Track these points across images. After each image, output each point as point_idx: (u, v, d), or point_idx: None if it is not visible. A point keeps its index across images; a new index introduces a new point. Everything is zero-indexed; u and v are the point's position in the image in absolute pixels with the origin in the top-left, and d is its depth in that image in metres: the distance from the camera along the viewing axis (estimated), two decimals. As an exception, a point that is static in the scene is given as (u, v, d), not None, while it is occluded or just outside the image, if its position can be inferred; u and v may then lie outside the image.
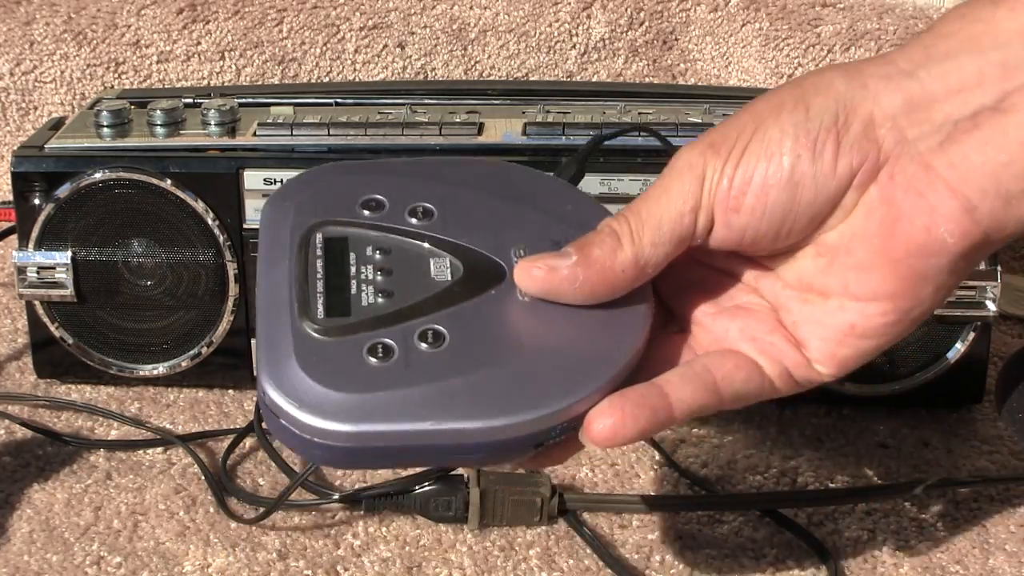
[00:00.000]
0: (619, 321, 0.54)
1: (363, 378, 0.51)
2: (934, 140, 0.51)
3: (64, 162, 0.86)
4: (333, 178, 0.59)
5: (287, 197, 0.58)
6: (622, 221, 0.54)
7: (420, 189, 0.58)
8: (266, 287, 0.55)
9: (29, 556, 0.74)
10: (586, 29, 1.18)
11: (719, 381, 0.55)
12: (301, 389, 0.51)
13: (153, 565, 0.74)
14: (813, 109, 0.52)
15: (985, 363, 0.87)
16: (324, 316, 0.53)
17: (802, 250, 0.55)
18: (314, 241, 0.56)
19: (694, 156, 0.54)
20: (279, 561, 0.74)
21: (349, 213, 0.57)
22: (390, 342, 0.52)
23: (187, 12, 1.19)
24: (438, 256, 0.56)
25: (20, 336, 0.97)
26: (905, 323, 0.54)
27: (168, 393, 0.91)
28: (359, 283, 0.55)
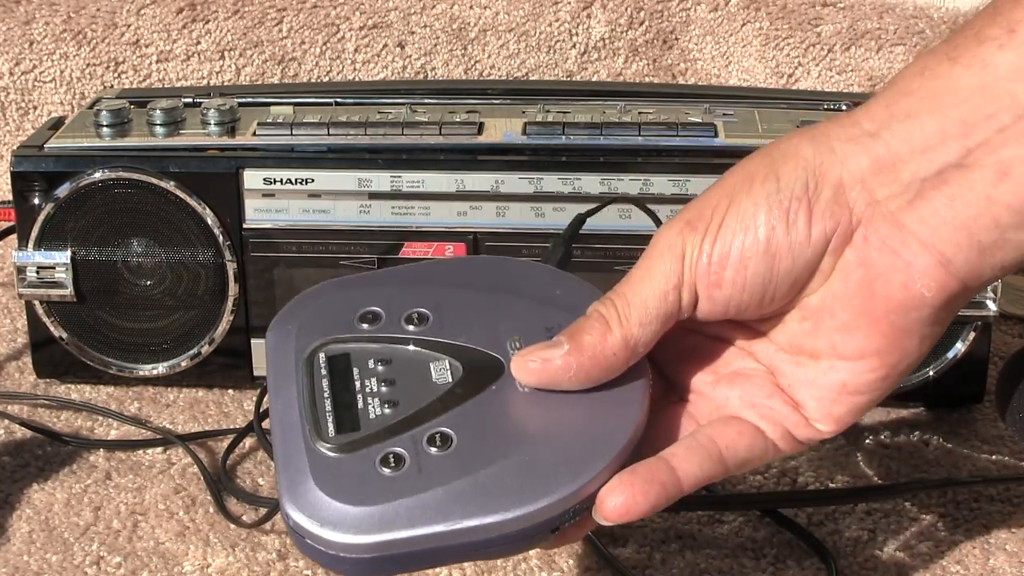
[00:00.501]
0: (619, 398, 0.56)
1: (378, 489, 0.53)
2: (903, 199, 0.52)
3: (64, 162, 0.86)
4: (330, 296, 0.61)
5: (288, 321, 0.60)
6: (608, 305, 0.56)
7: (414, 296, 0.60)
8: (278, 412, 0.57)
9: (29, 556, 0.74)
10: (586, 29, 1.18)
11: (724, 450, 0.56)
12: (321, 508, 0.53)
13: (153, 565, 0.74)
14: (783, 179, 0.53)
15: (985, 363, 0.87)
16: (335, 434, 0.55)
17: (788, 314, 0.56)
18: (318, 361, 0.58)
19: (673, 235, 0.55)
20: (279, 561, 0.74)
21: (348, 328, 0.59)
22: (400, 451, 0.54)
23: (187, 12, 1.19)
24: (437, 359, 0.58)
25: (20, 336, 0.97)
26: (894, 376, 0.56)
27: (168, 393, 0.91)
28: (365, 396, 0.57)
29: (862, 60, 1.16)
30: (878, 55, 1.16)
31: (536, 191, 0.84)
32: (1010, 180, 0.50)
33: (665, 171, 0.83)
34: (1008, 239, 0.52)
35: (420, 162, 0.85)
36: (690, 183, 0.83)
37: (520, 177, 0.84)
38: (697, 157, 0.84)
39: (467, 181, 0.84)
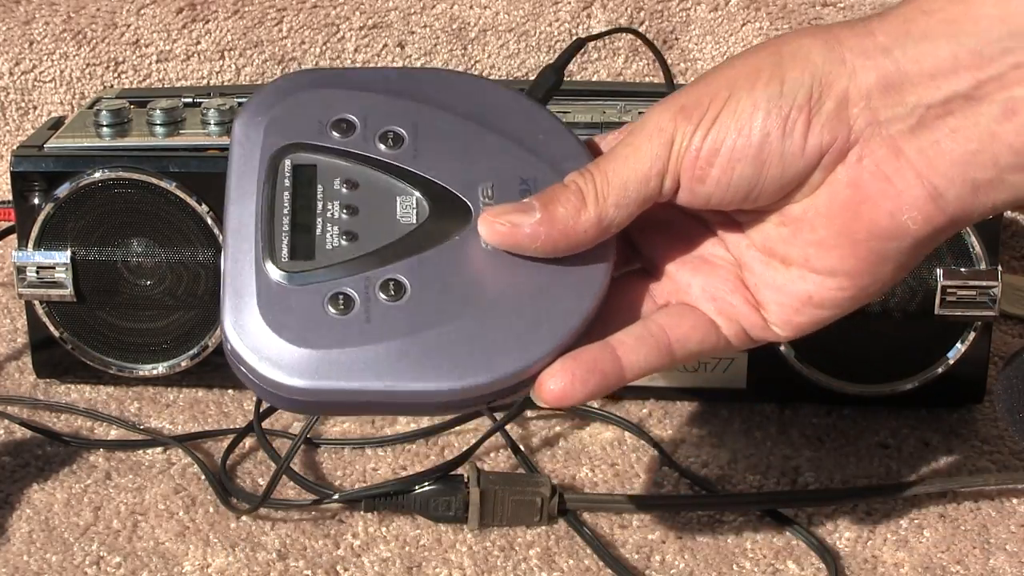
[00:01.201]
0: (579, 276, 0.55)
1: (322, 332, 0.52)
2: (905, 124, 0.51)
3: (63, 162, 0.86)
4: (305, 92, 0.58)
5: (258, 112, 0.58)
6: (588, 179, 0.54)
7: (393, 109, 0.58)
8: (234, 218, 0.55)
9: (29, 556, 0.74)
10: (586, 28, 1.18)
11: (673, 343, 0.56)
12: (261, 340, 0.52)
13: (153, 565, 0.74)
14: (788, 83, 0.52)
15: (985, 363, 0.87)
16: (288, 259, 0.54)
17: (768, 216, 0.55)
18: (283, 168, 0.56)
19: (665, 119, 0.54)
20: (279, 561, 0.74)
21: (320, 135, 0.57)
22: (351, 292, 0.53)
23: (187, 11, 1.19)
24: (404, 194, 0.56)
25: (20, 336, 0.97)
26: (861, 298, 0.55)
27: (168, 393, 0.91)
28: (325, 221, 0.55)
29: (862, 60, 1.16)
30: (878, 55, 1.16)
31: (536, 191, 0.84)
32: (1017, 119, 0.49)
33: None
34: (1004, 179, 0.51)
35: (420, 162, 0.84)
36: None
37: (520, 177, 0.84)
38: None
39: (467, 181, 0.84)
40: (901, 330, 0.85)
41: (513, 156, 0.57)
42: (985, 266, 0.83)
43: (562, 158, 0.56)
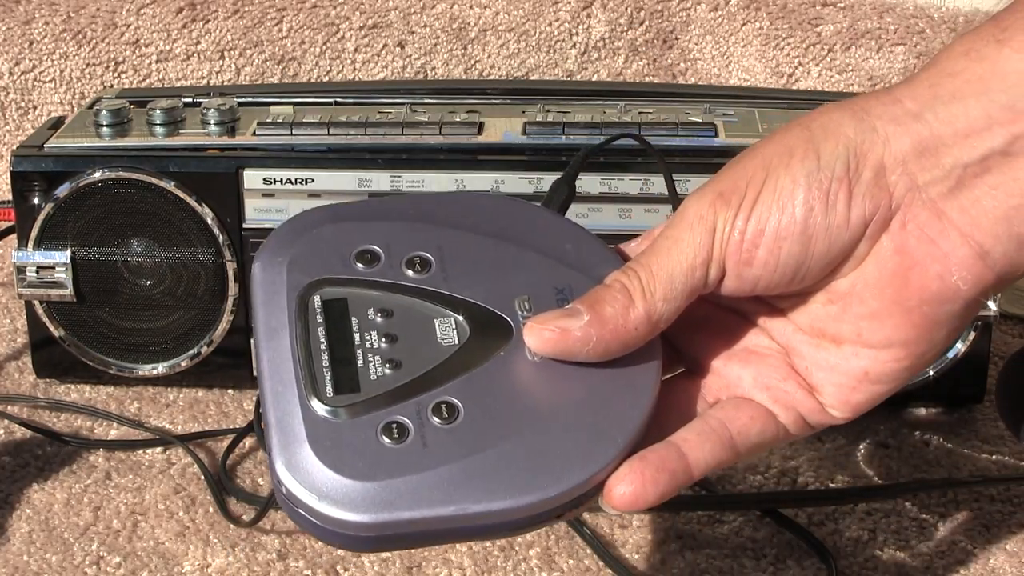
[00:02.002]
0: (630, 377, 0.54)
1: (380, 463, 0.51)
2: (944, 186, 0.51)
3: (63, 161, 0.86)
4: (323, 228, 0.57)
5: (277, 253, 0.57)
6: (632, 276, 0.54)
7: (414, 236, 0.57)
8: (269, 360, 0.54)
9: (28, 556, 0.74)
10: (586, 28, 1.18)
11: (735, 436, 0.55)
12: (318, 478, 0.50)
13: (153, 565, 0.74)
14: (824, 157, 0.52)
15: (985, 363, 0.87)
16: (333, 394, 0.52)
17: (814, 296, 0.55)
18: (312, 305, 0.55)
19: (704, 206, 0.53)
20: (279, 561, 0.74)
21: (344, 268, 0.56)
22: (404, 420, 0.52)
23: (186, 11, 1.19)
24: (442, 316, 0.55)
25: (20, 336, 0.97)
26: (918, 367, 0.54)
27: (168, 393, 0.91)
28: (365, 353, 0.54)
29: (862, 60, 1.16)
30: (878, 55, 1.16)
31: (536, 191, 0.84)
32: None
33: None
34: None
35: (420, 162, 0.84)
36: (690, 183, 0.83)
37: (520, 177, 0.84)
38: (697, 157, 0.84)
39: (467, 181, 0.84)
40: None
41: (544, 268, 0.56)
42: (985, 266, 0.83)
43: (593, 265, 0.56)
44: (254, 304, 0.56)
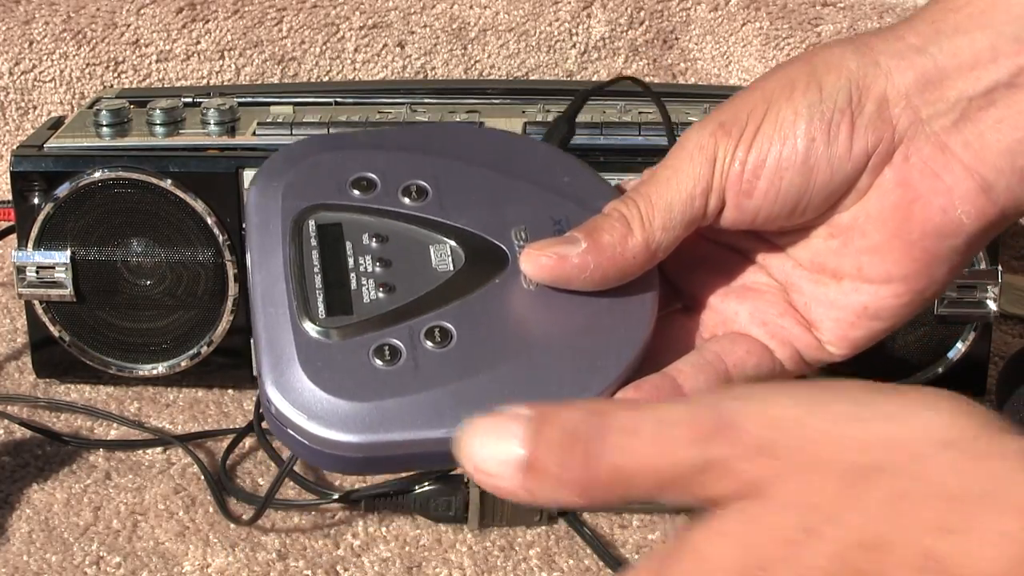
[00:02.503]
0: (626, 308, 0.53)
1: (371, 384, 0.50)
2: (948, 119, 0.51)
3: (63, 161, 0.86)
4: (320, 155, 0.57)
5: (273, 178, 0.56)
6: (631, 205, 0.53)
7: (412, 165, 0.56)
8: (261, 282, 0.53)
9: (28, 556, 0.74)
10: (586, 28, 1.18)
11: (731, 368, 0.54)
12: (308, 399, 0.50)
13: (153, 565, 0.74)
14: (826, 88, 0.51)
15: (985, 363, 0.87)
16: (325, 315, 0.52)
17: (814, 230, 0.54)
18: (307, 229, 0.54)
19: (704, 136, 0.53)
20: (279, 561, 0.74)
21: (340, 194, 0.55)
22: (396, 343, 0.51)
23: (186, 11, 1.18)
24: (438, 243, 0.55)
25: (20, 336, 0.97)
26: (918, 303, 0.54)
27: (168, 393, 0.91)
28: (358, 276, 0.53)
29: (862, 60, 1.16)
30: (878, 55, 1.16)
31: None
32: None
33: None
34: None
35: (420, 162, 0.84)
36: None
37: (520, 177, 0.84)
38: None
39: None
40: (901, 330, 0.85)
41: (541, 199, 0.56)
42: (985, 266, 0.83)
43: (591, 197, 0.55)
44: (248, 227, 0.55)
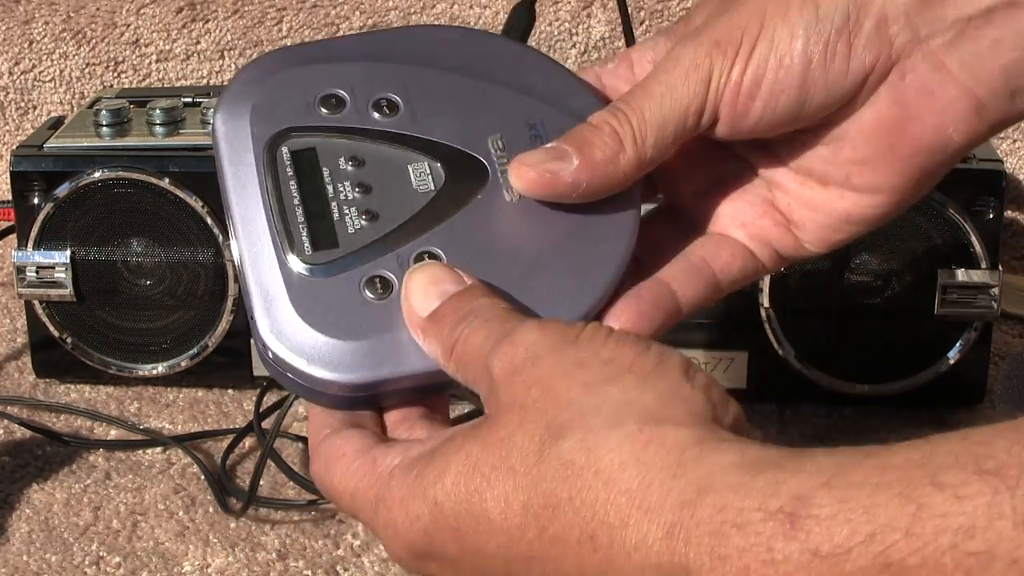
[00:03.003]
0: (610, 215, 0.53)
1: (366, 319, 0.50)
2: (946, 37, 0.51)
3: (63, 161, 0.86)
4: (283, 73, 0.55)
5: (238, 102, 0.54)
6: (623, 121, 0.52)
7: (379, 76, 0.55)
8: (242, 218, 0.52)
9: (28, 556, 0.74)
10: (586, 28, 1.18)
11: (718, 274, 0.55)
12: (305, 341, 0.50)
13: (152, 565, 0.74)
14: (823, 7, 0.51)
15: (986, 363, 0.86)
16: (312, 251, 0.51)
17: (804, 136, 0.54)
18: (281, 157, 0.53)
19: (700, 55, 0.52)
20: (279, 561, 0.74)
21: (309, 114, 0.54)
22: (387, 274, 0.51)
23: (186, 11, 1.18)
24: (415, 161, 0.53)
25: (19, 336, 0.97)
26: (896, 212, 0.54)
27: (167, 393, 0.91)
28: (340, 206, 0.52)
29: (862, 60, 1.16)
30: (878, 55, 1.16)
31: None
32: None
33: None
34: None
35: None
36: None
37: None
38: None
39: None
40: (901, 330, 0.85)
41: (514, 102, 0.55)
42: (985, 266, 0.83)
43: (563, 96, 0.55)
44: (219, 159, 0.54)
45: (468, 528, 0.44)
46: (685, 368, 0.44)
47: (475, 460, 0.44)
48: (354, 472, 0.47)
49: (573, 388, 0.43)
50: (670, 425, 0.41)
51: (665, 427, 0.41)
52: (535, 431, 0.43)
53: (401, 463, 0.46)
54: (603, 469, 0.41)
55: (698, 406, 0.43)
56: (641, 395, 0.43)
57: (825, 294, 0.85)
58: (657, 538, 0.39)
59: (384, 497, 0.46)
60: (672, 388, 0.43)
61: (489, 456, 0.44)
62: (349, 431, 0.49)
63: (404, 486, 0.45)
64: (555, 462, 0.42)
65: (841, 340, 0.86)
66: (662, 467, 0.40)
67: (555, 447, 0.42)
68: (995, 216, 0.83)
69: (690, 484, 0.39)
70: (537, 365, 0.44)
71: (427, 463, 0.45)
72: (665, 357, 0.44)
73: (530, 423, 0.43)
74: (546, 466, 0.42)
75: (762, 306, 0.85)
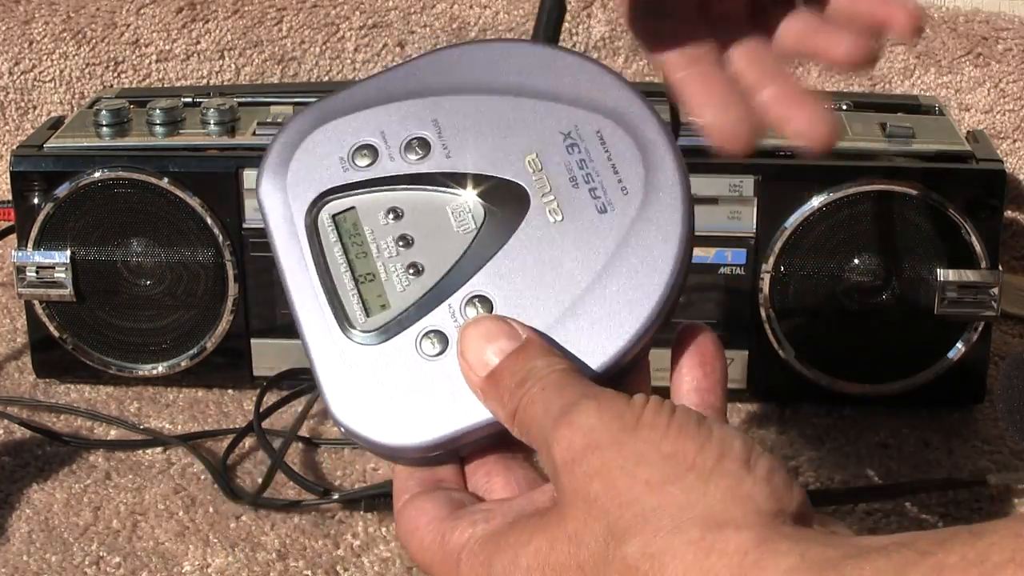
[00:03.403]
0: (660, 232, 0.52)
1: (427, 376, 0.50)
2: None
3: (63, 161, 0.86)
4: (314, 134, 0.55)
5: (275, 173, 0.55)
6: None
7: (407, 115, 0.54)
8: (295, 291, 0.53)
9: (28, 556, 0.74)
10: (586, 28, 1.18)
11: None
12: (371, 412, 0.50)
13: (153, 565, 0.74)
14: None
15: (985, 363, 0.87)
16: (365, 318, 0.51)
17: None
18: (322, 224, 0.53)
19: None
20: (279, 561, 0.74)
21: (345, 172, 0.54)
22: (441, 327, 0.51)
23: (186, 11, 1.18)
24: (453, 201, 0.53)
25: (20, 336, 0.97)
26: None
27: (167, 393, 0.91)
28: (385, 264, 0.52)
29: (862, 60, 1.16)
30: (878, 55, 1.16)
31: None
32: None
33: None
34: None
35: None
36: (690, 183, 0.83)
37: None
38: (697, 157, 0.84)
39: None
40: (901, 330, 0.85)
41: (545, 113, 0.54)
42: (985, 266, 0.83)
43: (592, 94, 0.54)
44: (269, 236, 0.54)
45: None
46: (746, 458, 0.43)
47: (544, 556, 0.44)
48: (427, 548, 0.48)
49: (635, 487, 0.43)
50: (731, 529, 0.41)
51: (727, 531, 0.41)
52: (599, 531, 0.43)
53: (469, 544, 0.46)
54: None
55: (760, 502, 0.42)
56: (704, 496, 0.42)
57: (825, 294, 0.85)
58: None
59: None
60: (733, 486, 0.42)
61: (558, 554, 0.44)
62: (422, 499, 0.49)
63: (473, 570, 0.46)
64: (620, 565, 0.42)
65: (841, 340, 0.86)
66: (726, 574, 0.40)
67: (619, 550, 0.42)
68: (995, 216, 0.83)
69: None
70: (597, 455, 0.44)
71: (495, 549, 0.45)
72: (727, 448, 0.43)
73: (594, 521, 0.43)
74: (612, 569, 0.42)
75: (762, 306, 0.85)
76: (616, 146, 0.53)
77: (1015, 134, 1.11)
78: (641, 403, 0.45)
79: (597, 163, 0.53)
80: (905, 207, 0.84)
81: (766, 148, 0.85)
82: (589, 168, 0.53)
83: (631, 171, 0.53)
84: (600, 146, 0.53)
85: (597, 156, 0.53)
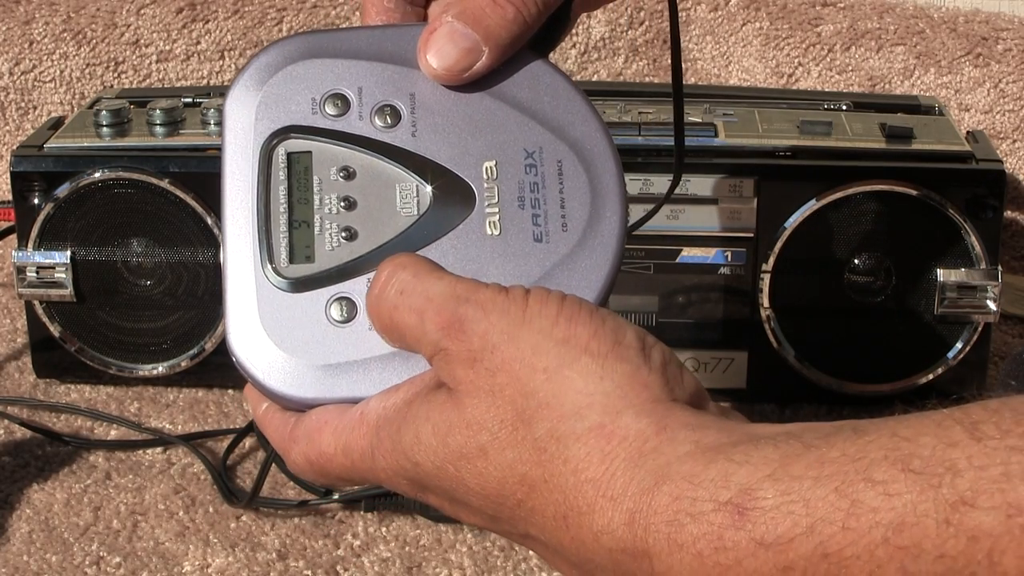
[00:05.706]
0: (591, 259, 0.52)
1: (326, 342, 0.51)
2: None
3: (63, 162, 0.86)
4: (296, 65, 0.55)
5: (248, 88, 0.55)
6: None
7: (388, 79, 0.55)
8: (232, 215, 0.54)
9: (28, 556, 0.74)
10: (586, 28, 1.18)
11: None
12: (265, 354, 0.52)
13: (153, 565, 0.74)
14: None
15: (985, 363, 0.87)
16: (288, 263, 0.52)
17: None
18: (277, 158, 0.54)
19: None
20: (279, 561, 0.74)
21: (312, 113, 0.54)
22: (352, 298, 0.52)
23: (187, 11, 1.18)
24: (404, 181, 0.53)
25: (20, 336, 0.97)
26: None
27: (168, 393, 0.91)
28: (323, 219, 0.53)
29: (862, 60, 1.16)
30: (878, 55, 1.16)
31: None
32: None
33: (665, 171, 0.83)
34: None
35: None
36: (690, 183, 0.83)
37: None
38: (697, 157, 0.84)
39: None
40: (901, 330, 0.85)
41: (516, 126, 0.54)
42: (985, 266, 0.83)
43: (569, 123, 0.54)
44: (223, 148, 0.55)
45: (449, 488, 0.47)
46: (640, 346, 0.46)
47: (442, 437, 0.46)
48: (344, 426, 0.50)
49: (536, 377, 0.45)
50: (630, 416, 0.44)
51: (625, 418, 0.44)
52: (508, 418, 0.45)
53: (383, 416, 0.49)
54: (571, 458, 0.44)
55: (656, 390, 0.45)
56: (601, 381, 0.45)
57: (825, 294, 0.85)
58: (620, 524, 0.42)
59: (376, 446, 0.49)
60: (630, 372, 0.45)
61: (456, 438, 0.46)
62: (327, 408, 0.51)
63: (389, 438, 0.48)
64: (531, 446, 0.45)
65: (841, 340, 0.86)
66: (625, 458, 0.43)
67: (530, 433, 0.45)
68: (995, 216, 0.84)
69: (649, 474, 0.42)
70: (497, 353, 0.46)
71: (403, 421, 0.48)
72: (620, 335, 0.46)
73: (500, 410, 0.45)
74: (520, 449, 0.45)
75: (762, 306, 0.85)
76: (571, 181, 0.54)
77: (1015, 134, 1.11)
78: (522, 295, 0.47)
79: (548, 191, 0.53)
80: (905, 207, 0.84)
81: (766, 148, 0.85)
82: (539, 193, 0.53)
83: (577, 210, 0.53)
84: (556, 176, 0.54)
85: (551, 185, 0.54)
